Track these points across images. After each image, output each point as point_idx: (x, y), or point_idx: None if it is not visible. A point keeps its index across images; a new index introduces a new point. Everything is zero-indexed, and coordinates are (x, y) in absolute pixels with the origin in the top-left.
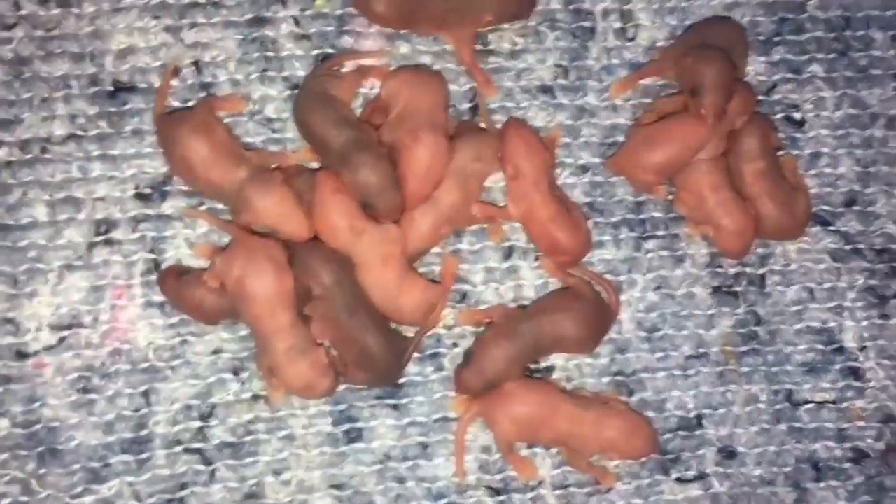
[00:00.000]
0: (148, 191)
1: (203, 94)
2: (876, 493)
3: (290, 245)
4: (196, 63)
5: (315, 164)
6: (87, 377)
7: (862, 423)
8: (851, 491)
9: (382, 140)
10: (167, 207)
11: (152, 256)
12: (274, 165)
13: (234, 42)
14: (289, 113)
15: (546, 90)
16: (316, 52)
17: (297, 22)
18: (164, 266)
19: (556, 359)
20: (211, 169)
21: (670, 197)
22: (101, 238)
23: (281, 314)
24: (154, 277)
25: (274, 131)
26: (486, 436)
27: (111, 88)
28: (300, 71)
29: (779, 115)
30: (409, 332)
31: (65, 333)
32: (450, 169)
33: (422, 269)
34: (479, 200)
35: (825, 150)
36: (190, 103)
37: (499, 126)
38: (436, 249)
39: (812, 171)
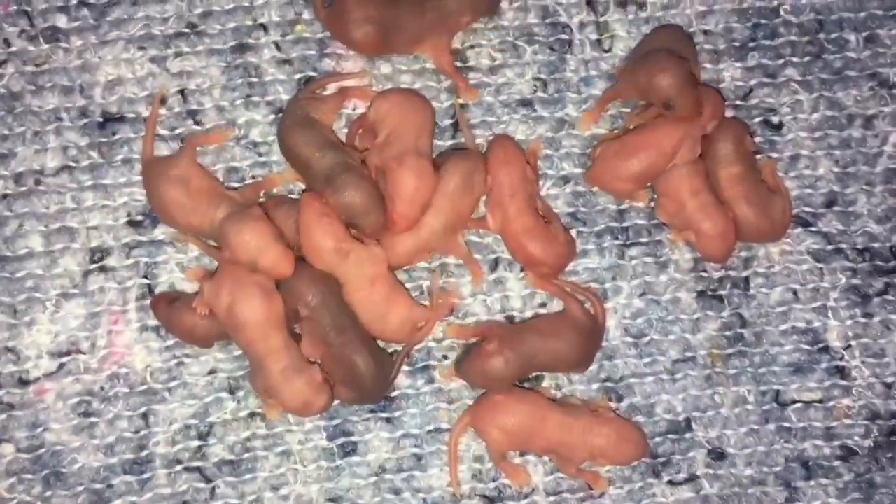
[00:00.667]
0: (140, 217)
1: (190, 122)
2: (866, 490)
3: None
4: (182, 91)
5: (300, 185)
6: (87, 401)
7: (849, 421)
8: (841, 489)
9: (370, 162)
10: (158, 233)
11: (146, 281)
12: (261, 197)
13: (217, 69)
14: (274, 136)
15: (526, 103)
16: (298, 75)
17: (278, 47)
18: (157, 290)
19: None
20: (190, 214)
21: (652, 204)
22: (95, 266)
23: (273, 337)
24: (148, 302)
25: (260, 155)
26: (478, 445)
27: (101, 119)
28: (283, 95)
29: (756, 119)
30: (398, 347)
31: (64, 360)
32: (437, 194)
33: (409, 285)
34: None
35: (804, 152)
36: (177, 131)
37: (480, 140)
38: (424, 265)
39: (792, 174)
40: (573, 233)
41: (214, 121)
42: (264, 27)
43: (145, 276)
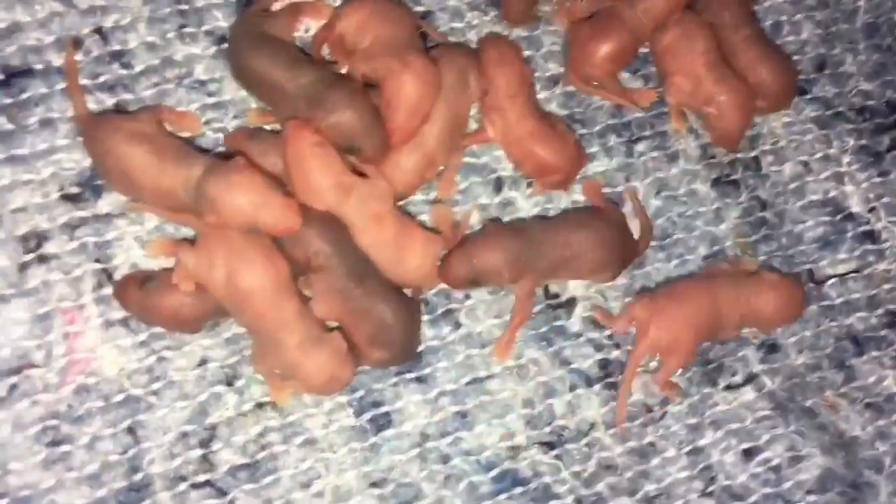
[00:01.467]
0: (76, 189)
1: (116, 66)
2: None
3: None
4: (99, 30)
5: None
6: (53, 427)
7: (889, 286)
8: (895, 357)
9: (355, 72)
10: (104, 205)
11: (99, 266)
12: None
13: None
14: (222, 72)
15: (495, 2)
16: None
17: None
18: (116, 275)
19: (577, 289)
20: (160, 176)
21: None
22: (32, 255)
23: (285, 305)
24: (108, 290)
25: (209, 95)
26: (524, 388)
27: (2, 76)
28: (222, 21)
29: None
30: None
31: (13, 379)
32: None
33: None
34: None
35: (784, 17)
36: (103, 78)
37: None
38: (420, 196)
39: (777, 42)
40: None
41: (145, 62)
42: None
43: (97, 260)
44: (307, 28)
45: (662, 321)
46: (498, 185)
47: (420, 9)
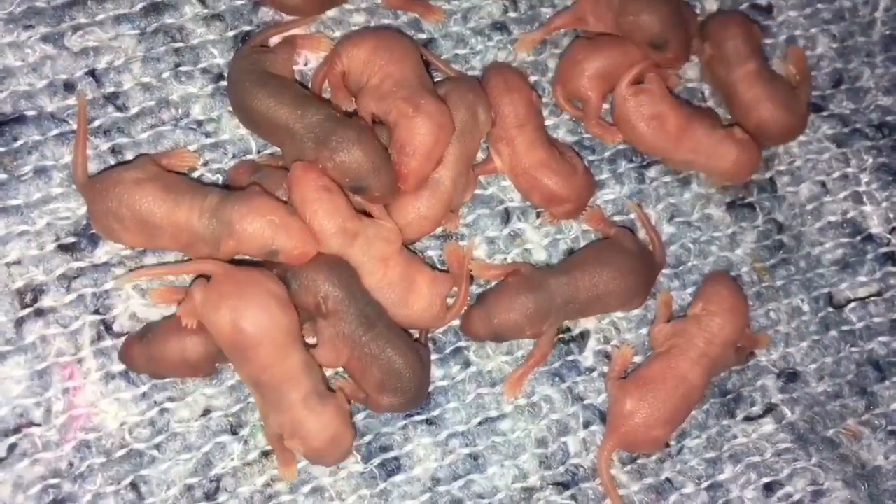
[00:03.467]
0: (72, 239)
1: (110, 109)
2: None
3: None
4: (92, 72)
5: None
6: (55, 486)
7: None
8: None
9: (364, 111)
10: (102, 254)
11: (98, 317)
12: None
13: (131, 38)
14: (220, 110)
15: (499, 27)
16: (232, 32)
17: (202, 1)
18: (115, 325)
19: (589, 321)
20: (176, 210)
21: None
22: (28, 310)
23: (293, 356)
24: (107, 342)
25: (207, 135)
26: (536, 427)
27: None
28: (219, 59)
29: (744, 6)
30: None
31: (13, 439)
32: None
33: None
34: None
35: (798, 32)
36: (98, 122)
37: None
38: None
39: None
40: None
41: (141, 103)
42: None
43: (96, 311)
44: (307, 61)
45: (636, 417)
46: (506, 217)
47: (422, 36)
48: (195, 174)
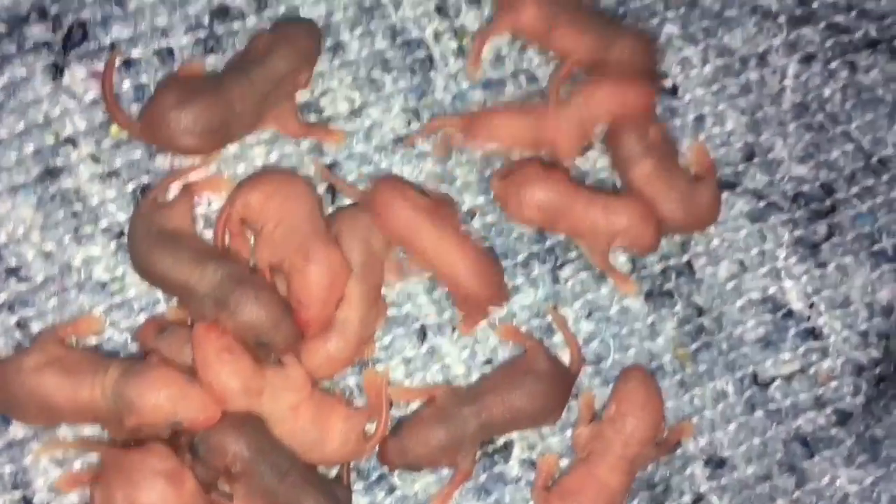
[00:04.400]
0: None
1: (13, 281)
2: (871, 449)
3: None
4: None
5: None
6: None
7: (835, 383)
8: (847, 456)
9: (261, 262)
10: (16, 431)
11: (19, 493)
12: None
13: (28, 207)
14: (123, 267)
15: (403, 140)
16: (132, 186)
17: (96, 159)
18: (36, 500)
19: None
20: (77, 392)
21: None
22: None
23: None
24: None
25: (112, 294)
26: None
27: None
28: (120, 215)
29: None
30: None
31: None
32: None
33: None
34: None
35: (707, 109)
36: (1, 298)
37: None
38: None
39: (702, 136)
40: None
41: (43, 272)
42: (72, 140)
43: (14, 487)
44: (209, 202)
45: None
46: (422, 334)
47: (327, 160)
48: (105, 335)
